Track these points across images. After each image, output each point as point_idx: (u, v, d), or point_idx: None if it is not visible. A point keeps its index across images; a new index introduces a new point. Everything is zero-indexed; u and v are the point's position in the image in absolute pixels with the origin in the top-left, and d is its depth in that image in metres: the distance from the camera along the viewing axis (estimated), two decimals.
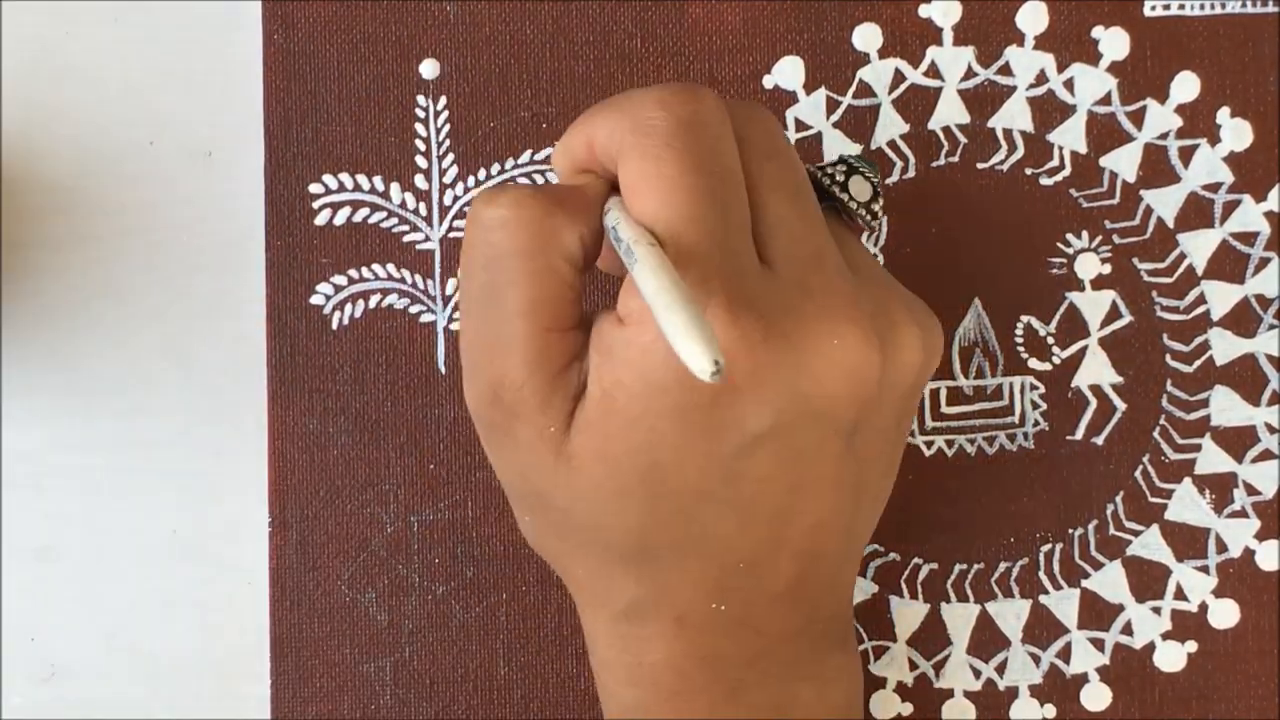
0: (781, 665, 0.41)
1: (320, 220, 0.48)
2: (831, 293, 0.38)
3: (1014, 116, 0.48)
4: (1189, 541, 0.48)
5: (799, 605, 0.40)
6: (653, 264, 0.34)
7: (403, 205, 0.48)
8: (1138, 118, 0.48)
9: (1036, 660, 0.48)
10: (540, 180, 0.48)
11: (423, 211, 0.48)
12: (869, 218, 0.41)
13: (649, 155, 0.37)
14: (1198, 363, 0.48)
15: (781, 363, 0.36)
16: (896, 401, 0.40)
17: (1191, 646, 0.48)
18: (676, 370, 0.36)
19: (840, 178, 0.41)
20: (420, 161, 0.48)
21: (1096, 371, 0.48)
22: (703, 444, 0.37)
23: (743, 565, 0.39)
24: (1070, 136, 0.48)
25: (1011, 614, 0.48)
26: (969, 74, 0.48)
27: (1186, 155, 0.48)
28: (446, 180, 0.48)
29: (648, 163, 0.37)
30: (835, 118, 0.48)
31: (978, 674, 0.48)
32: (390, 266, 0.48)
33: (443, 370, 0.48)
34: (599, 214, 0.38)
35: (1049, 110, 0.48)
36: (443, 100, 0.48)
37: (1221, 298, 0.48)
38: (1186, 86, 0.48)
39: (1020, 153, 0.48)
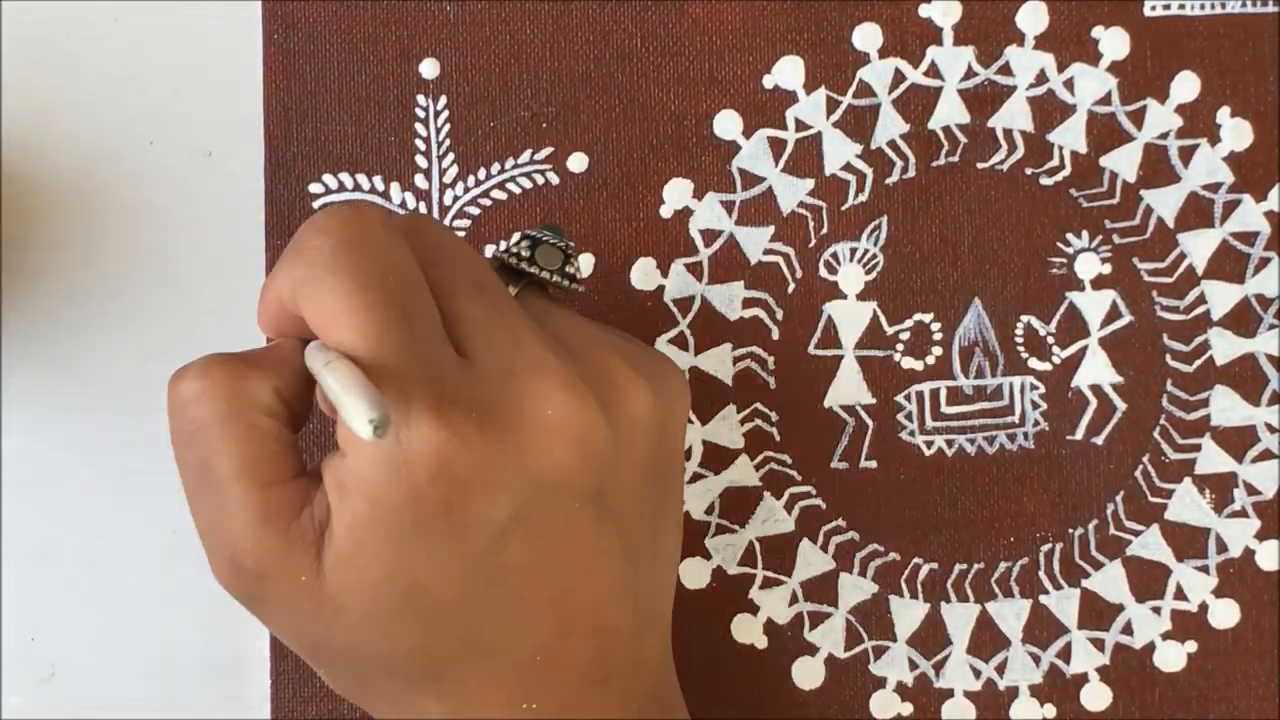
0: None
1: None
2: (537, 367, 0.37)
3: (1014, 116, 0.48)
4: (1189, 541, 0.48)
5: (608, 688, 0.40)
6: (325, 365, 0.35)
7: (403, 205, 0.48)
8: (1138, 117, 0.48)
9: (1036, 660, 0.48)
10: (540, 180, 0.48)
11: (423, 211, 0.48)
12: (568, 283, 0.41)
13: (322, 284, 0.36)
14: (1198, 363, 0.48)
15: (503, 449, 0.36)
16: (640, 455, 0.39)
17: (1191, 646, 0.48)
18: (402, 485, 0.36)
19: (525, 253, 0.41)
20: (420, 161, 0.48)
21: (1096, 371, 0.48)
22: (453, 551, 0.37)
23: (539, 658, 0.39)
24: (1070, 136, 0.48)
25: (1011, 614, 0.48)
26: (969, 74, 0.48)
27: (1186, 155, 0.48)
28: (446, 180, 0.48)
29: (321, 293, 0.36)
30: (835, 117, 0.48)
31: (978, 674, 0.48)
32: None
33: None
34: (297, 366, 0.38)
35: (1049, 110, 0.48)
36: (443, 100, 0.48)
37: (1222, 297, 0.48)
38: (1186, 86, 0.48)
39: (1020, 153, 0.48)
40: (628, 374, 0.39)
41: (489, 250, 0.47)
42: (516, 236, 0.41)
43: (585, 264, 0.48)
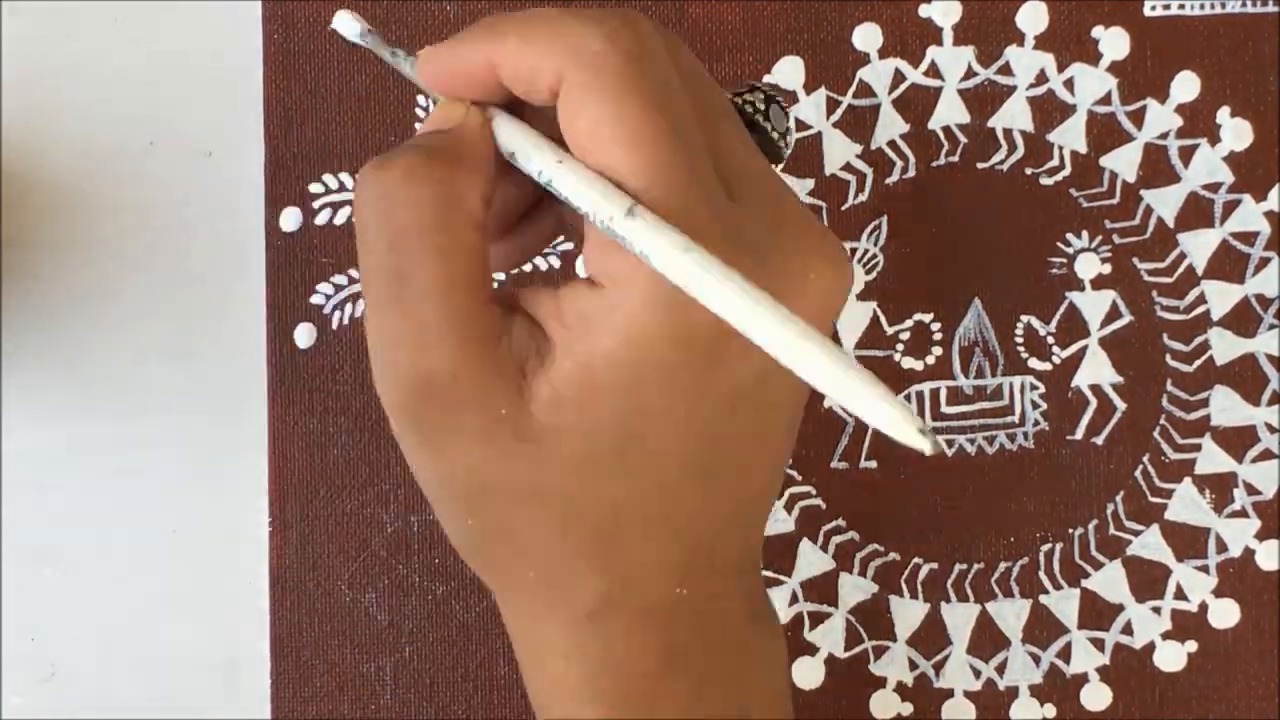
0: (735, 653, 0.38)
1: (320, 220, 0.48)
2: (799, 224, 0.35)
3: (1014, 116, 0.48)
4: (1189, 541, 0.48)
5: (742, 583, 0.38)
6: (628, 212, 0.32)
7: None
8: (1138, 117, 0.48)
9: (1036, 660, 0.48)
10: None
11: None
12: (785, 148, 0.39)
13: (608, 98, 0.33)
14: (1198, 362, 0.48)
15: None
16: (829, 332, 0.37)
17: (1191, 646, 0.48)
18: (674, 328, 0.33)
19: (761, 106, 0.38)
20: None
21: (1096, 371, 0.48)
22: (690, 406, 0.34)
23: (705, 539, 0.37)
24: (1070, 136, 0.48)
25: (1011, 614, 0.48)
26: (969, 74, 0.48)
27: (1186, 155, 0.48)
28: None
29: (606, 106, 0.33)
30: (835, 118, 0.48)
31: (978, 674, 0.48)
32: None
33: None
34: (491, 158, 0.35)
35: (1049, 110, 0.48)
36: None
37: (1221, 297, 0.48)
38: (1186, 86, 0.48)
39: (1020, 153, 0.48)
40: (847, 260, 0.36)
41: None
42: (748, 86, 0.39)
43: None
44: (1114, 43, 0.48)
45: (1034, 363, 0.48)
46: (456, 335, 0.34)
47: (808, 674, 0.48)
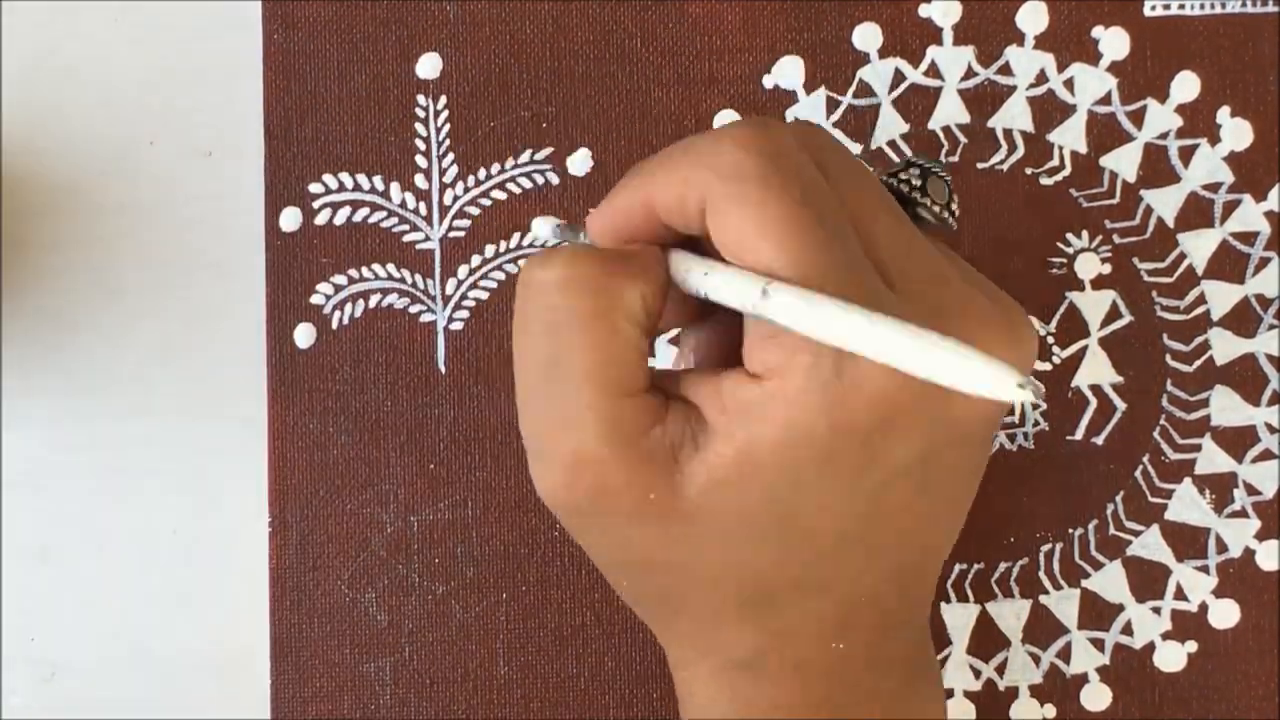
0: (886, 702, 0.39)
1: (320, 220, 0.48)
2: (965, 306, 0.36)
3: (1014, 116, 0.48)
4: (1189, 541, 0.48)
5: (902, 634, 0.39)
6: (764, 293, 0.33)
7: (403, 205, 0.48)
8: (1138, 117, 0.48)
9: (1036, 660, 0.48)
10: (540, 180, 0.48)
11: (423, 211, 0.48)
12: (950, 220, 0.39)
13: (749, 201, 0.34)
14: (1198, 363, 0.48)
15: (928, 389, 0.33)
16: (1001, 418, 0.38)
17: (1191, 646, 0.48)
18: (832, 415, 0.34)
19: (917, 182, 0.39)
20: (420, 161, 0.48)
21: (1096, 371, 0.48)
22: (850, 486, 0.35)
23: (863, 599, 0.38)
24: (1070, 136, 0.48)
25: (1011, 614, 0.48)
26: (969, 74, 0.48)
27: (1186, 155, 0.48)
28: (446, 180, 0.48)
29: (748, 209, 0.34)
30: (835, 117, 0.48)
31: (978, 674, 0.48)
32: (390, 266, 0.48)
33: (443, 370, 0.48)
34: (660, 276, 0.36)
35: (1049, 110, 0.48)
36: (443, 100, 0.48)
37: (1221, 297, 0.48)
38: (1186, 86, 0.48)
39: (1020, 153, 0.48)
40: (1024, 320, 0.37)
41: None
42: (904, 163, 0.40)
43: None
44: (1114, 43, 0.48)
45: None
46: (605, 423, 0.35)
47: None
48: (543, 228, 0.40)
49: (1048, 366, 0.48)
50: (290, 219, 0.48)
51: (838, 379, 0.34)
